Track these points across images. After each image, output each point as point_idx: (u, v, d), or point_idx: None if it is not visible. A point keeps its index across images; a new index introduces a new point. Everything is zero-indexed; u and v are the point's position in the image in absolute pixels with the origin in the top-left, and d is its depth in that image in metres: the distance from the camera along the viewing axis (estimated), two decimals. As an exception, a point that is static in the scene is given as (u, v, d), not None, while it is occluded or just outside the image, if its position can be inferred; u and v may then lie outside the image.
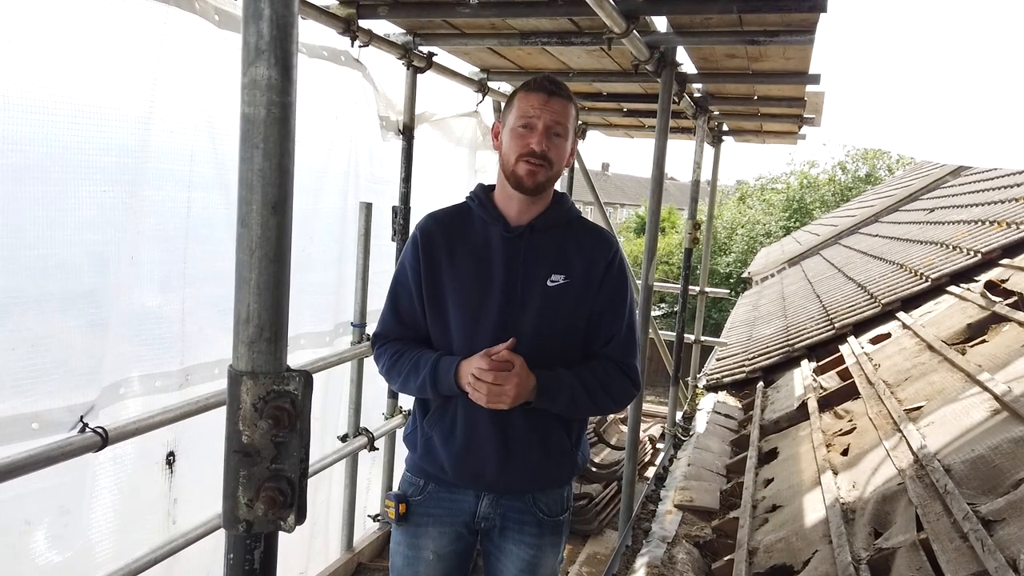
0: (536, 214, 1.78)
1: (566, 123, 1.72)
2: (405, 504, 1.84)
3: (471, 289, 1.74)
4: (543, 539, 1.85)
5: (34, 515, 2.01)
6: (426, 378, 1.71)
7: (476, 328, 1.72)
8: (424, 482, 1.84)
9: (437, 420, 1.79)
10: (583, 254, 1.79)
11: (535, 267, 1.75)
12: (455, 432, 1.77)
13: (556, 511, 1.87)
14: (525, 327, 1.72)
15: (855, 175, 24.66)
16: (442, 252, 1.77)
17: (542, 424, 1.76)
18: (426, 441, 1.81)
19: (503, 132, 1.77)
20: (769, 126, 5.60)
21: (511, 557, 1.84)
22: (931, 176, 11.15)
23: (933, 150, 44.35)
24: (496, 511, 1.82)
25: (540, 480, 1.83)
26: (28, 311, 1.90)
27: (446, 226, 1.80)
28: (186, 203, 2.40)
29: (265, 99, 0.86)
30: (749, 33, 3.05)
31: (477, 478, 1.79)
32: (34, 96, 1.83)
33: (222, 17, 2.40)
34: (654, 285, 3.50)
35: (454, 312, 1.75)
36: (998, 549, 1.82)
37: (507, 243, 1.76)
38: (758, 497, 3.27)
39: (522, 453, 1.77)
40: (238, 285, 0.89)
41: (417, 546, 1.84)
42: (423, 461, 1.83)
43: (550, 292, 1.74)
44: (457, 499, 1.83)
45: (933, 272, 4.86)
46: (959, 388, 2.98)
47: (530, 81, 1.74)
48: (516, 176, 1.71)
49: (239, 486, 0.90)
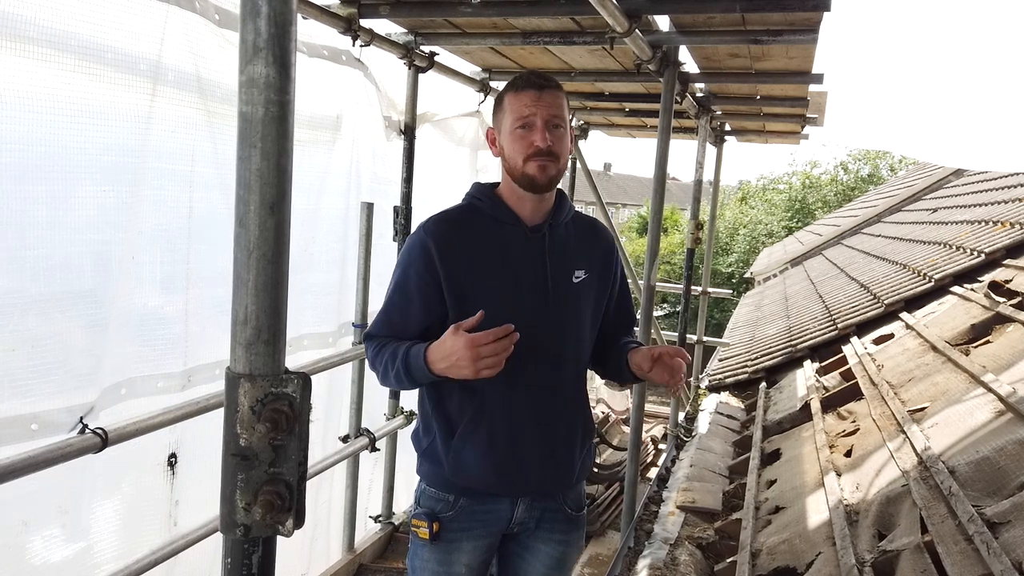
0: (547, 212, 1.78)
1: (562, 114, 1.70)
2: (438, 522, 1.75)
3: (501, 293, 1.69)
4: (571, 535, 1.87)
5: (33, 516, 2.00)
6: (400, 368, 1.63)
7: None
8: (455, 497, 1.76)
9: (470, 434, 1.72)
10: (594, 248, 1.84)
11: (560, 266, 1.76)
12: (496, 443, 1.71)
13: (581, 506, 1.91)
14: (561, 325, 1.74)
15: (857, 175, 24.63)
16: (461, 257, 1.69)
17: (577, 419, 1.80)
18: (456, 456, 1.73)
19: (501, 137, 1.72)
20: (772, 126, 5.58)
21: (539, 555, 1.84)
22: (934, 176, 11.11)
23: (936, 152, 44.27)
24: (532, 514, 1.81)
25: (576, 476, 1.85)
26: (28, 311, 1.89)
27: (460, 231, 1.72)
28: (188, 203, 2.40)
29: (263, 97, 0.85)
30: (752, 32, 3.04)
31: (520, 484, 1.76)
32: (34, 95, 1.82)
33: (222, 16, 2.39)
34: (656, 285, 3.49)
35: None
36: (1003, 552, 1.80)
37: (531, 244, 1.74)
38: (761, 498, 3.26)
39: (563, 451, 1.78)
40: (236, 286, 0.88)
41: (449, 562, 1.78)
42: (454, 476, 1.74)
43: (577, 289, 1.77)
44: (492, 509, 1.78)
45: (936, 272, 4.84)
46: (963, 389, 2.96)
47: (516, 80, 1.70)
48: (527, 176, 1.67)
49: (237, 490, 0.89)
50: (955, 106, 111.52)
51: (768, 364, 5.58)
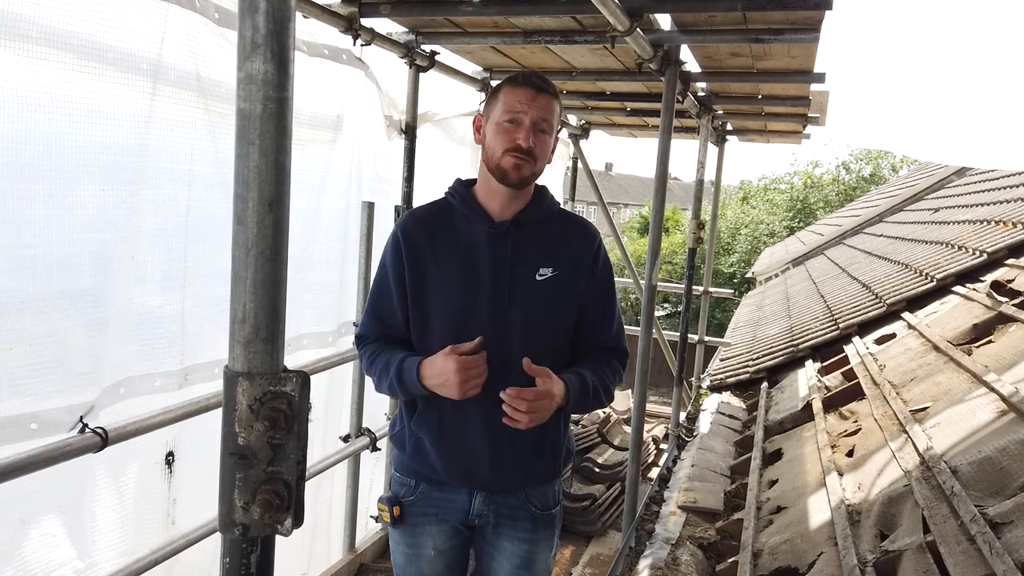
0: (519, 208, 1.77)
1: (551, 120, 1.71)
2: (399, 506, 1.83)
3: (459, 289, 1.72)
4: (537, 533, 1.85)
5: (32, 515, 1.99)
6: (393, 379, 1.69)
7: (467, 327, 1.69)
8: (415, 482, 1.84)
9: (424, 421, 1.77)
10: (569, 246, 1.80)
11: (523, 262, 1.74)
12: (444, 433, 1.76)
13: (548, 505, 1.88)
14: (517, 323, 1.72)
15: (859, 175, 24.61)
16: (426, 253, 1.73)
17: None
18: (415, 441, 1.80)
19: (486, 125, 1.75)
20: (773, 125, 5.57)
21: (506, 553, 1.85)
22: (936, 176, 11.09)
23: (939, 151, 44.11)
24: (490, 508, 1.82)
25: (532, 477, 1.84)
26: (27, 310, 1.88)
27: (428, 225, 1.77)
28: (186, 201, 2.39)
29: (261, 94, 0.84)
30: (754, 31, 3.03)
31: (469, 477, 1.79)
32: (32, 94, 1.82)
33: (222, 15, 2.39)
34: (657, 285, 3.48)
35: (442, 314, 1.72)
36: (1006, 552, 1.79)
37: (493, 239, 1.74)
38: (762, 498, 3.25)
39: (513, 451, 1.76)
40: (234, 284, 0.87)
41: (417, 544, 1.85)
42: (413, 461, 1.82)
43: (539, 286, 1.74)
44: (450, 497, 1.82)
45: (938, 272, 4.83)
46: (965, 389, 2.95)
47: (517, 75, 1.72)
48: (501, 169, 1.70)
49: (235, 489, 0.89)
50: (957, 105, 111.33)
51: (770, 364, 5.57)
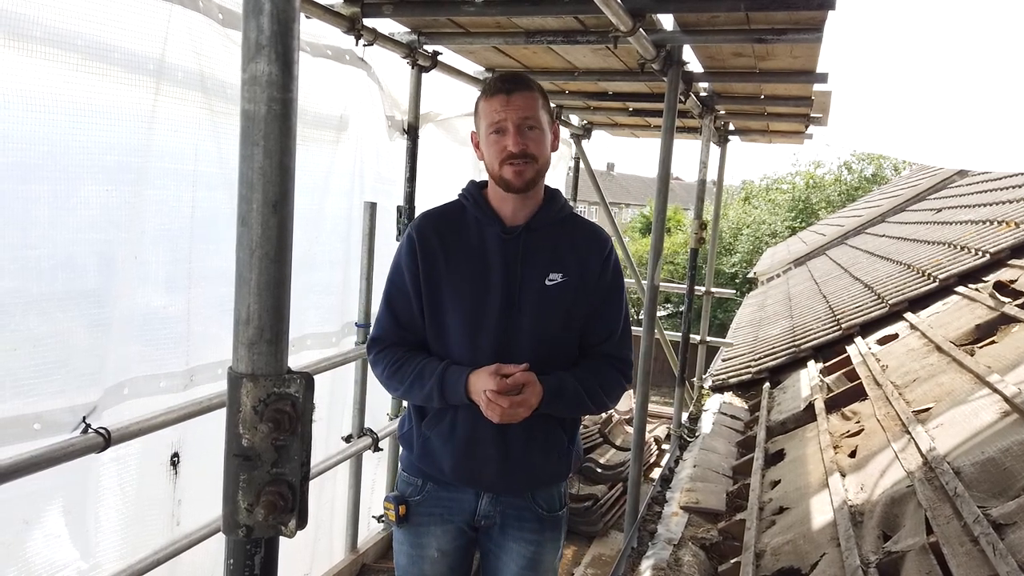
0: (531, 212, 1.78)
1: (535, 114, 1.70)
2: (405, 505, 1.84)
3: (470, 291, 1.73)
4: (543, 535, 1.86)
5: (35, 515, 2.00)
6: (433, 388, 1.70)
7: (477, 331, 1.72)
8: (422, 482, 1.85)
9: (436, 422, 1.79)
10: (579, 252, 1.80)
11: (533, 267, 1.75)
12: (455, 435, 1.76)
13: (555, 507, 1.89)
14: (525, 328, 1.73)
15: (861, 175, 24.57)
16: (439, 254, 1.75)
17: (540, 424, 1.76)
18: (424, 442, 1.81)
19: (480, 142, 1.77)
20: (776, 125, 5.57)
21: (512, 554, 1.85)
22: (938, 176, 11.08)
23: (940, 155, 43.99)
24: (496, 509, 1.83)
25: (539, 479, 1.84)
26: (30, 311, 1.88)
27: (441, 226, 1.79)
28: (190, 202, 2.39)
29: (266, 95, 0.84)
30: (756, 31, 3.03)
31: (477, 479, 1.80)
32: (36, 94, 1.82)
33: (226, 15, 2.39)
34: (660, 285, 3.48)
35: (453, 315, 1.74)
36: (1009, 553, 1.79)
37: (504, 243, 1.75)
38: (765, 499, 3.25)
39: (521, 454, 1.77)
40: (238, 285, 0.87)
41: (420, 544, 1.85)
42: (420, 462, 1.83)
43: (549, 291, 1.75)
44: (456, 498, 1.83)
45: (941, 272, 4.82)
46: (968, 389, 2.95)
47: (486, 86, 1.75)
48: (504, 180, 1.72)
49: (239, 490, 0.89)
50: (959, 106, 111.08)
51: (772, 364, 5.57)
